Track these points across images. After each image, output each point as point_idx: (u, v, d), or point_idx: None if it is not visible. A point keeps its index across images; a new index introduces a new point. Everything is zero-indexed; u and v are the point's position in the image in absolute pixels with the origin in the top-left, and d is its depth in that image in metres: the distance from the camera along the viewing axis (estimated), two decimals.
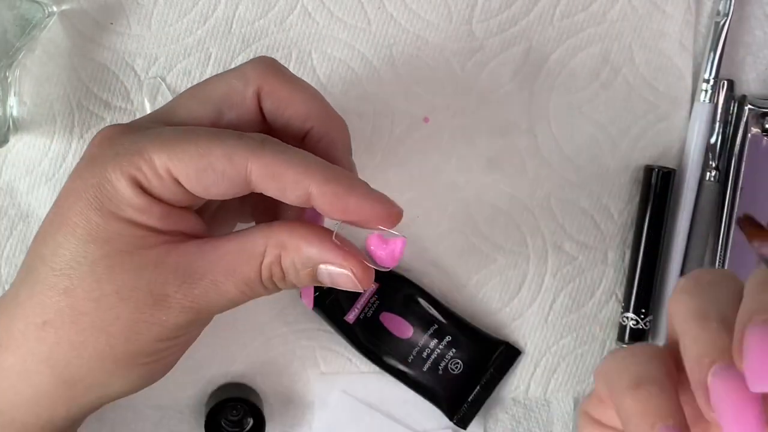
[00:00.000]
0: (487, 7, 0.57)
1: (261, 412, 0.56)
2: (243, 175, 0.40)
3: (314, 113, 0.45)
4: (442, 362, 0.58)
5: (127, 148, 0.41)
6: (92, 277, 0.41)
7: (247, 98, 0.44)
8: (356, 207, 0.41)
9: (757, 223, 0.37)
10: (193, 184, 0.40)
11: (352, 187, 0.41)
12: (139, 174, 0.40)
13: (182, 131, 0.41)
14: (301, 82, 0.46)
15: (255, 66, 0.44)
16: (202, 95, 0.44)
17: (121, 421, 0.57)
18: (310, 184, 0.40)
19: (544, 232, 0.59)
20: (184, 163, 0.40)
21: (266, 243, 0.42)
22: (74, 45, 0.54)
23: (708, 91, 0.58)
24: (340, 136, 0.46)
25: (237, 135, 0.41)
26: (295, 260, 0.42)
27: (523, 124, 0.58)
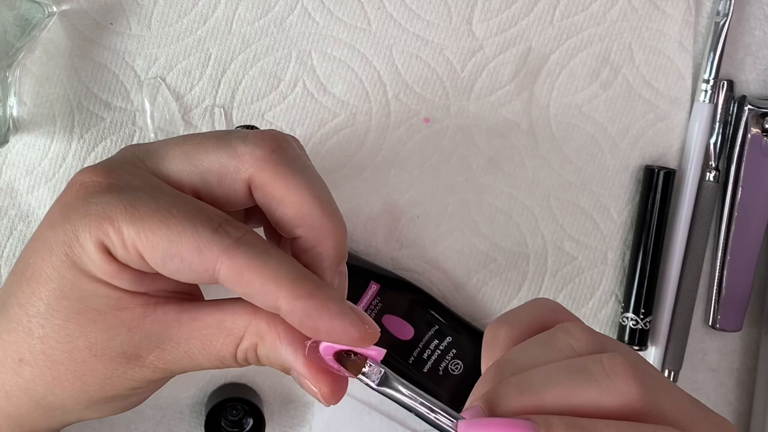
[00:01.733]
0: (487, 7, 0.57)
1: (261, 412, 0.56)
2: (210, 271, 0.38)
3: (307, 222, 0.41)
4: (442, 363, 0.58)
5: (100, 210, 0.39)
6: (65, 330, 0.40)
7: (236, 183, 0.41)
8: (327, 328, 0.38)
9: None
10: (158, 266, 0.39)
11: (323, 306, 0.38)
12: (107, 240, 0.38)
13: (159, 206, 0.39)
14: (300, 179, 0.41)
15: (252, 150, 0.41)
16: (194, 158, 0.41)
17: (121, 421, 0.57)
18: (278, 297, 0.38)
19: (544, 232, 0.59)
20: (151, 244, 0.38)
21: (247, 327, 0.40)
22: (74, 45, 0.54)
23: (708, 91, 0.58)
24: (331, 248, 0.41)
25: (213, 226, 0.38)
26: (270, 356, 0.40)
27: (523, 124, 0.58)
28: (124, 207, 0.39)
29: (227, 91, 0.56)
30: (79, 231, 0.39)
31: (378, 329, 0.39)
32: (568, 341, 0.39)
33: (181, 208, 0.39)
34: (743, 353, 0.62)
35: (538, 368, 0.38)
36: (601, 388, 0.36)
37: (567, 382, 0.37)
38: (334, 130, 0.57)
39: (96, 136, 0.55)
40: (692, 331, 0.60)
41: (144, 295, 0.40)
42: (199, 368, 0.41)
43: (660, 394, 0.37)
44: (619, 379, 0.36)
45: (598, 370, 0.37)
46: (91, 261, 0.39)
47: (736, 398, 0.62)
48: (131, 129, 0.55)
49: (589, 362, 0.37)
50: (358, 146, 0.57)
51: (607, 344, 0.39)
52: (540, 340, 0.40)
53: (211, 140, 0.41)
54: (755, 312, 0.61)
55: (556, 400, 0.37)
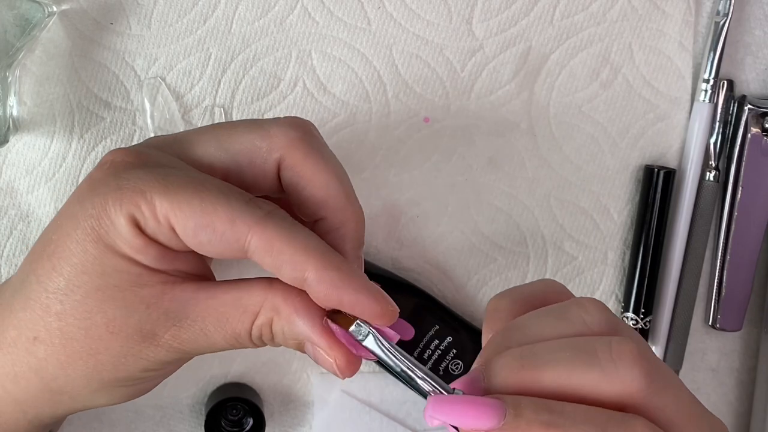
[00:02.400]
0: (487, 7, 0.57)
1: (261, 412, 0.56)
2: (242, 242, 0.39)
3: (331, 202, 0.42)
4: (443, 363, 0.58)
5: (132, 184, 0.39)
6: (84, 306, 0.40)
7: (267, 163, 0.42)
8: (351, 300, 0.40)
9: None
10: (189, 238, 0.39)
11: (350, 279, 0.40)
12: (138, 214, 0.39)
13: (191, 180, 0.40)
14: (328, 162, 0.43)
15: (285, 131, 0.42)
16: (225, 142, 0.42)
17: (121, 421, 0.57)
18: (306, 268, 0.39)
19: (544, 232, 0.59)
20: (185, 214, 0.39)
21: (262, 302, 0.41)
22: (74, 45, 0.54)
23: (708, 91, 0.58)
24: (353, 230, 0.43)
25: (245, 199, 0.40)
26: (284, 329, 0.41)
27: (523, 124, 0.58)
28: (157, 180, 0.39)
29: (227, 90, 0.56)
30: (110, 204, 0.39)
31: (397, 310, 0.41)
32: (581, 315, 0.39)
33: (213, 182, 0.40)
34: (743, 353, 0.62)
35: (543, 342, 0.38)
36: (604, 372, 0.36)
37: (571, 361, 0.37)
38: (334, 129, 0.57)
39: (96, 135, 0.55)
40: (692, 330, 0.60)
41: (163, 273, 0.41)
42: (214, 348, 0.42)
43: (663, 389, 0.37)
44: (625, 367, 0.36)
45: (604, 353, 0.37)
46: (119, 234, 0.39)
47: (736, 398, 0.62)
48: (131, 129, 0.55)
49: (597, 344, 0.37)
50: (358, 146, 0.57)
51: (619, 326, 0.39)
52: (553, 311, 0.40)
53: (243, 124, 0.43)
54: (755, 312, 0.61)
55: (555, 378, 0.37)
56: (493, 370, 0.38)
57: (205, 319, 0.41)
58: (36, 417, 0.44)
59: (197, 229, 0.39)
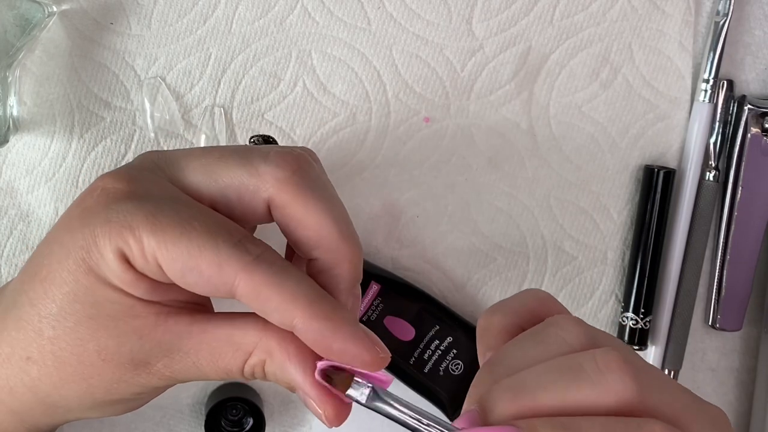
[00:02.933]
0: (487, 7, 0.57)
1: (261, 411, 0.56)
2: (229, 286, 0.38)
3: (324, 244, 0.41)
4: (443, 363, 0.58)
5: (121, 218, 0.39)
6: (76, 334, 0.40)
7: (255, 201, 0.41)
8: (340, 350, 0.39)
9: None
10: (177, 278, 0.39)
11: (339, 328, 0.38)
12: (126, 249, 0.38)
13: (180, 218, 0.39)
14: (319, 202, 0.41)
15: (273, 171, 0.41)
16: (214, 173, 0.41)
17: (121, 421, 0.57)
18: (294, 316, 0.38)
19: (544, 232, 0.59)
20: (171, 256, 0.38)
21: (256, 343, 0.40)
22: (74, 45, 0.54)
23: (708, 91, 0.58)
24: (347, 271, 0.42)
25: (234, 241, 0.39)
26: (276, 373, 0.41)
27: (523, 124, 0.58)
28: (146, 217, 0.38)
29: (227, 90, 0.56)
30: (99, 237, 0.39)
31: (389, 354, 0.40)
32: (559, 334, 0.39)
33: (202, 221, 0.39)
34: (743, 353, 0.62)
35: (530, 369, 0.37)
36: (595, 386, 0.36)
37: (560, 382, 0.36)
38: (334, 129, 0.57)
39: (96, 135, 0.55)
40: (692, 330, 0.60)
41: (157, 304, 0.40)
42: (206, 379, 0.42)
43: (655, 389, 0.37)
44: (613, 376, 0.36)
45: (591, 367, 0.36)
46: (109, 268, 0.39)
47: (736, 398, 0.62)
48: (131, 129, 0.55)
49: (582, 359, 0.37)
50: (358, 146, 0.57)
51: (598, 337, 0.39)
52: (530, 336, 0.40)
53: (233, 156, 0.41)
54: (755, 312, 0.61)
55: (550, 401, 0.36)
56: (488, 407, 0.37)
57: (197, 353, 0.41)
58: (33, 425, 0.44)
59: (184, 271, 0.38)
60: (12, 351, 0.42)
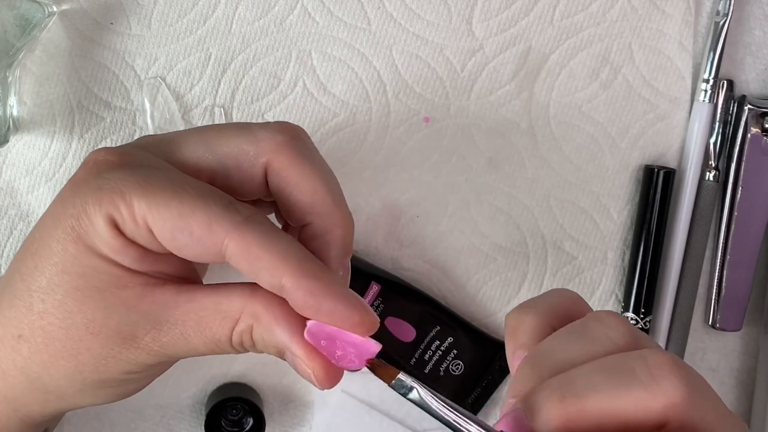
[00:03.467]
0: (487, 7, 0.57)
1: (261, 411, 0.56)
2: (219, 246, 0.39)
3: (317, 207, 0.42)
4: (443, 364, 0.58)
5: (112, 184, 0.39)
6: (64, 306, 0.40)
7: (254, 167, 0.42)
8: (329, 310, 0.39)
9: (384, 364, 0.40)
10: (167, 240, 0.39)
11: (328, 288, 0.39)
12: (116, 214, 0.39)
13: (171, 182, 0.39)
14: (315, 167, 0.42)
15: (272, 136, 0.42)
16: (212, 145, 0.42)
17: (121, 420, 0.57)
18: (284, 275, 0.38)
19: (544, 232, 0.59)
20: (162, 216, 0.38)
21: (243, 309, 0.40)
22: (74, 45, 0.54)
23: (708, 91, 0.58)
24: (339, 238, 0.43)
25: (224, 203, 0.39)
26: (264, 337, 0.40)
27: (523, 124, 0.58)
28: (137, 181, 0.39)
29: (227, 90, 0.56)
30: (89, 204, 0.39)
31: (377, 320, 0.40)
32: (604, 331, 0.39)
33: (193, 184, 0.40)
34: (743, 353, 0.62)
35: (578, 368, 0.37)
36: (646, 390, 0.36)
37: (610, 384, 0.36)
38: (334, 129, 0.57)
39: (96, 135, 0.55)
40: (692, 330, 0.60)
41: (144, 274, 0.41)
42: (195, 353, 0.42)
43: (702, 395, 0.36)
44: (665, 379, 0.36)
45: (642, 369, 0.36)
46: (98, 235, 0.39)
47: (736, 398, 0.62)
48: (131, 129, 0.55)
49: (633, 361, 0.37)
50: (358, 146, 0.57)
51: (640, 337, 0.39)
52: (574, 330, 0.39)
53: (230, 127, 0.43)
54: (755, 312, 0.61)
55: (599, 403, 0.36)
56: (534, 407, 0.37)
57: (185, 323, 0.41)
58: (27, 415, 0.44)
59: (174, 232, 0.39)
60: (4, 331, 0.42)
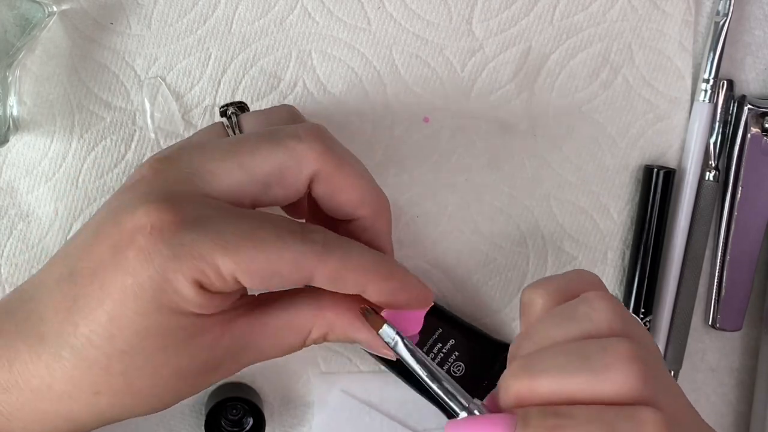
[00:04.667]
0: (487, 7, 0.57)
1: (261, 411, 0.56)
2: (307, 279, 0.41)
3: (367, 201, 0.44)
4: (445, 366, 0.58)
5: (188, 250, 0.39)
6: (149, 364, 0.41)
7: (299, 181, 0.43)
8: (405, 301, 0.43)
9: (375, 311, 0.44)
10: (257, 285, 0.40)
11: (403, 284, 0.43)
12: (203, 278, 0.39)
13: (244, 231, 0.40)
14: (355, 164, 0.44)
15: (312, 146, 0.42)
16: (251, 167, 0.42)
17: None
18: (366, 284, 0.41)
19: (544, 232, 0.59)
20: (251, 270, 0.39)
21: (314, 322, 0.43)
22: (74, 45, 0.54)
23: (708, 90, 0.58)
24: (387, 222, 0.45)
25: (300, 237, 0.40)
26: (340, 338, 0.44)
27: (523, 124, 0.58)
28: (213, 241, 0.39)
29: (227, 90, 0.56)
30: (170, 274, 0.39)
31: (432, 293, 0.45)
32: (588, 313, 0.39)
33: (265, 228, 0.40)
34: (743, 353, 0.62)
35: (543, 349, 0.39)
36: (595, 375, 0.37)
37: (562, 366, 0.37)
38: (334, 130, 0.56)
39: (96, 135, 0.55)
40: (692, 330, 0.60)
41: (220, 314, 0.42)
42: (268, 359, 0.44)
43: (660, 392, 0.37)
44: (617, 369, 0.36)
45: (598, 357, 0.37)
46: (183, 299, 0.39)
47: (736, 398, 0.62)
48: (131, 129, 0.55)
49: (592, 347, 0.37)
50: (358, 146, 0.57)
51: (628, 322, 0.39)
52: (563, 311, 0.40)
53: (261, 143, 0.43)
54: (755, 312, 0.61)
55: (548, 385, 0.37)
56: (501, 381, 0.40)
57: (261, 344, 0.43)
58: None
59: (264, 279, 0.40)
60: (75, 387, 0.41)
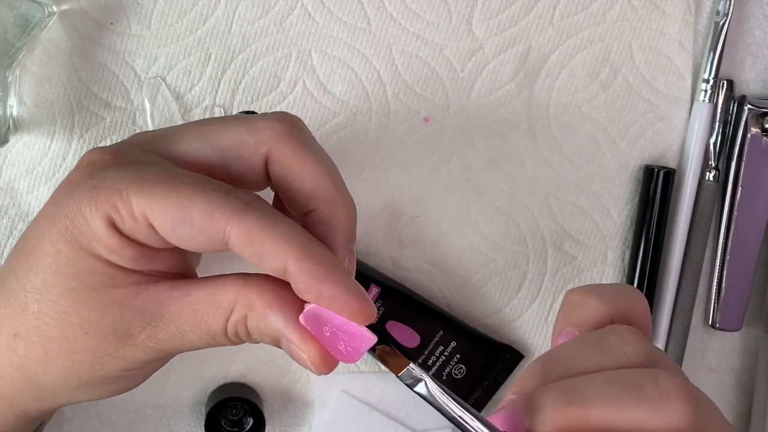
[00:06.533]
0: (487, 7, 0.57)
1: (261, 411, 0.56)
2: (221, 234, 0.38)
3: (321, 194, 0.42)
4: (446, 368, 0.58)
5: (108, 183, 0.39)
6: (59, 307, 0.40)
7: (254, 157, 0.42)
8: (330, 294, 0.39)
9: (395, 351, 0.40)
10: (169, 233, 0.39)
11: (331, 272, 0.39)
12: (114, 213, 0.39)
13: (168, 175, 0.39)
14: (317, 154, 0.42)
15: (272, 125, 0.42)
16: (211, 137, 0.42)
17: (121, 420, 0.57)
18: (287, 258, 0.38)
19: (544, 232, 0.59)
20: (162, 210, 0.38)
21: (236, 299, 0.40)
22: (74, 45, 0.54)
23: (708, 91, 0.58)
24: (344, 223, 0.43)
25: (223, 191, 0.39)
26: (259, 325, 0.40)
27: (523, 124, 0.58)
28: (132, 178, 0.39)
29: (227, 90, 0.56)
30: (84, 204, 0.39)
31: (375, 312, 0.40)
32: (620, 345, 0.38)
33: (189, 176, 0.39)
34: (743, 353, 0.62)
35: (588, 376, 0.37)
36: (652, 409, 0.35)
37: (617, 397, 0.36)
38: (334, 129, 0.57)
39: (96, 135, 0.55)
40: (692, 330, 0.60)
41: (138, 273, 0.41)
42: (191, 347, 0.42)
43: (709, 422, 0.36)
44: (673, 402, 0.35)
45: (651, 388, 0.36)
46: (94, 235, 0.39)
47: (736, 398, 0.62)
48: (131, 129, 0.55)
49: (644, 378, 0.36)
50: (358, 146, 0.57)
51: (658, 357, 0.39)
52: (592, 340, 0.39)
53: (228, 119, 0.43)
54: (755, 312, 0.61)
55: (602, 416, 0.35)
56: (537, 407, 0.36)
57: (180, 318, 0.41)
58: (23, 411, 0.44)
59: (176, 224, 0.38)
60: (0, 330, 0.42)
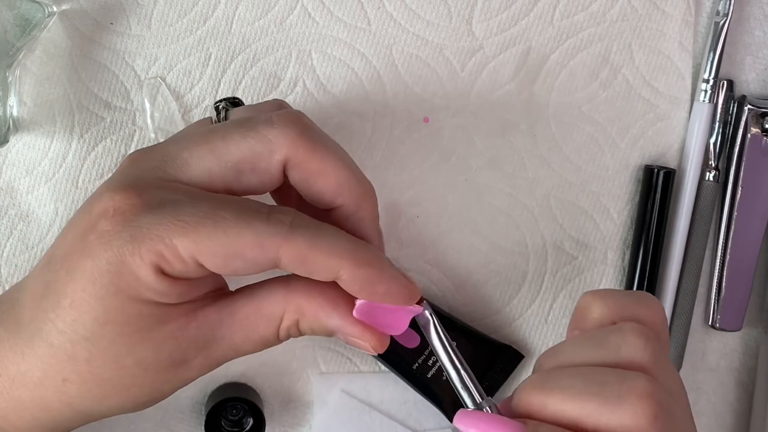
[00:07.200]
0: (487, 7, 0.57)
1: (261, 411, 0.56)
2: (273, 260, 0.39)
3: (346, 188, 0.42)
4: None
5: (146, 232, 0.38)
6: (112, 352, 0.40)
7: (271, 166, 0.41)
8: (384, 293, 0.41)
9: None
10: (220, 268, 0.39)
11: (381, 273, 0.40)
12: (161, 261, 0.38)
13: (205, 212, 0.39)
14: (332, 149, 0.42)
15: (283, 132, 0.41)
16: (223, 154, 0.41)
17: (121, 421, 0.57)
18: (339, 270, 0.39)
19: (544, 232, 0.59)
20: (211, 251, 0.38)
21: (285, 308, 0.41)
22: (74, 45, 0.54)
23: (708, 91, 0.58)
24: (370, 210, 0.43)
25: (264, 217, 0.39)
26: (313, 326, 0.42)
27: (523, 124, 0.58)
28: (171, 222, 0.38)
29: (227, 91, 0.56)
30: (127, 257, 0.38)
31: (419, 289, 0.42)
32: (618, 344, 0.39)
33: (227, 208, 0.39)
34: (743, 353, 0.62)
35: (562, 368, 0.39)
36: (604, 405, 0.36)
37: (577, 389, 0.37)
38: (334, 129, 0.57)
39: (96, 135, 0.55)
40: (692, 330, 0.60)
41: (185, 304, 0.41)
42: (244, 354, 0.43)
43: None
44: (629, 403, 0.36)
45: (614, 387, 0.37)
46: (142, 284, 0.39)
47: (736, 398, 0.62)
48: (131, 129, 0.55)
49: (613, 377, 0.37)
50: (358, 146, 0.57)
51: (657, 360, 0.39)
52: (595, 336, 0.40)
53: (235, 131, 0.42)
54: (755, 312, 0.61)
55: (557, 404, 0.37)
56: (518, 388, 0.39)
57: (232, 336, 0.42)
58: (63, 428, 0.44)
59: (227, 260, 0.39)
60: (45, 375, 0.41)
